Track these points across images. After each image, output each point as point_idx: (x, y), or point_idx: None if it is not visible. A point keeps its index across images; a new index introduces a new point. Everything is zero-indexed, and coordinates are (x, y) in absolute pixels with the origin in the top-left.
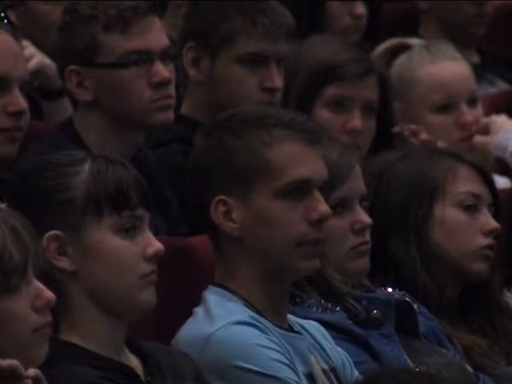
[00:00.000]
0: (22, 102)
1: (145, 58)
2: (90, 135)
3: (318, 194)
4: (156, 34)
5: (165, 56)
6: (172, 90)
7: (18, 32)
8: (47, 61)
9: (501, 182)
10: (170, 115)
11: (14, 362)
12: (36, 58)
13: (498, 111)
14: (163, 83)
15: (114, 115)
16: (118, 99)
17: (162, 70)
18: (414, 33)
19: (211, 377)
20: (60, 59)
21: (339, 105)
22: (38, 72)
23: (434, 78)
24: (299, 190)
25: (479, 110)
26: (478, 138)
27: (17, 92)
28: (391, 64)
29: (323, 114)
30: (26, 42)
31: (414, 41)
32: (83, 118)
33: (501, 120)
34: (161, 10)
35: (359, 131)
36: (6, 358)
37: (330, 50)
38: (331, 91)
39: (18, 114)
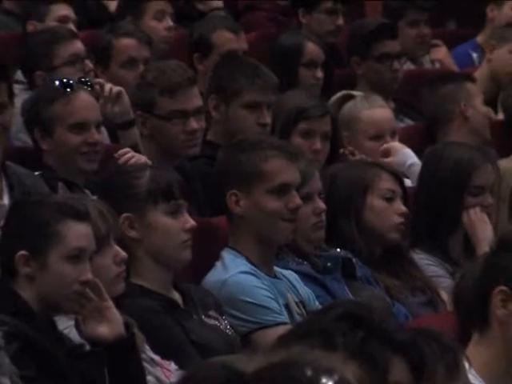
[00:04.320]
0: (96, 136)
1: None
2: (148, 153)
3: (294, 192)
4: (192, 98)
5: (196, 112)
6: (199, 136)
7: (94, 90)
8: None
9: (408, 182)
10: (196, 150)
11: (98, 281)
12: (118, 88)
13: (407, 139)
14: (194, 132)
15: (161, 148)
16: (165, 139)
17: (194, 124)
18: (353, 88)
19: (226, 307)
20: (135, 107)
21: (307, 134)
22: (120, 95)
23: (370, 118)
24: (283, 190)
25: (396, 138)
26: (383, 160)
27: (93, 130)
28: (341, 108)
29: (297, 140)
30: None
31: (356, 92)
32: (144, 142)
33: (396, 144)
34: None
35: (319, 151)
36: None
37: (300, 99)
38: (302, 126)
39: (93, 145)
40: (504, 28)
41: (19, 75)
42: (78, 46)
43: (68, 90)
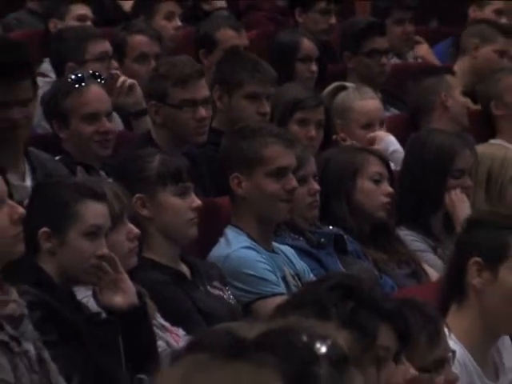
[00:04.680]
0: (107, 125)
1: (192, 104)
2: (160, 140)
3: (291, 175)
4: (201, 89)
5: (205, 101)
6: (207, 124)
7: (106, 83)
8: (137, 86)
9: (393, 165)
10: (204, 138)
11: (114, 255)
12: (131, 80)
13: (393, 127)
14: (202, 119)
15: (172, 135)
16: (177, 126)
17: (203, 112)
18: (344, 80)
19: (229, 279)
20: (148, 97)
21: (302, 123)
22: (133, 87)
23: (362, 109)
24: (281, 173)
25: (384, 127)
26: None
27: (104, 119)
28: (334, 97)
29: (293, 128)
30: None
31: (348, 84)
32: (156, 129)
33: (380, 133)
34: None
35: (314, 138)
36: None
37: (296, 91)
38: (298, 115)
39: (105, 133)
40: (484, 27)
41: (43, 68)
42: (107, 45)
43: (81, 83)
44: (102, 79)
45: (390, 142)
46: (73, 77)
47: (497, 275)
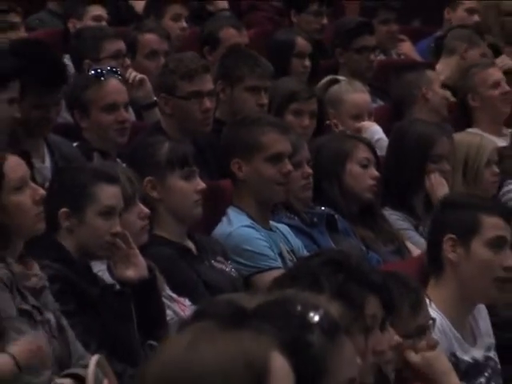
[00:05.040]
0: (124, 115)
1: (198, 95)
2: (168, 129)
3: (287, 160)
4: (206, 82)
5: (209, 94)
6: (211, 116)
7: (123, 77)
8: (147, 81)
9: (378, 152)
10: (209, 128)
11: (127, 232)
12: (141, 76)
13: (378, 117)
14: (207, 110)
15: (180, 125)
16: (185, 116)
17: (207, 103)
18: (336, 74)
19: (231, 254)
20: (158, 90)
21: (297, 113)
22: (143, 81)
23: (353, 101)
24: (277, 158)
25: (372, 118)
26: None
27: (121, 110)
28: (327, 89)
29: (289, 118)
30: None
31: (340, 77)
32: (165, 120)
33: (366, 123)
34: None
35: (307, 127)
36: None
37: (291, 84)
38: (293, 106)
39: (122, 122)
40: (470, 32)
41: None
42: (121, 44)
43: (101, 77)
44: (119, 74)
45: (376, 131)
46: (93, 72)
47: (469, 250)
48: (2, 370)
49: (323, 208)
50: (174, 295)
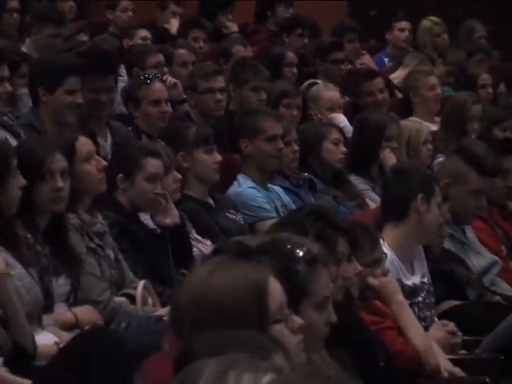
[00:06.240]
0: (165, 108)
1: (211, 91)
2: (194, 117)
3: (280, 140)
4: (218, 81)
5: (220, 90)
6: (223, 105)
7: (163, 81)
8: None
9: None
10: (221, 113)
11: (166, 192)
12: (174, 80)
13: (346, 110)
14: (219, 101)
15: (201, 113)
16: (203, 106)
17: (218, 96)
18: (315, 78)
19: (240, 208)
20: (186, 89)
21: (287, 106)
22: (176, 84)
23: (328, 97)
24: (273, 138)
25: (341, 110)
26: None
27: (163, 104)
28: (309, 90)
29: (282, 110)
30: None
31: (318, 81)
32: (191, 111)
33: (336, 114)
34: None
35: (295, 116)
36: None
37: (283, 85)
38: (285, 101)
39: (164, 113)
40: (421, 54)
41: (119, 71)
42: (161, 57)
43: (147, 81)
44: (160, 78)
45: (342, 120)
46: (142, 77)
47: (430, 205)
48: (65, 323)
49: (306, 174)
50: (199, 237)
